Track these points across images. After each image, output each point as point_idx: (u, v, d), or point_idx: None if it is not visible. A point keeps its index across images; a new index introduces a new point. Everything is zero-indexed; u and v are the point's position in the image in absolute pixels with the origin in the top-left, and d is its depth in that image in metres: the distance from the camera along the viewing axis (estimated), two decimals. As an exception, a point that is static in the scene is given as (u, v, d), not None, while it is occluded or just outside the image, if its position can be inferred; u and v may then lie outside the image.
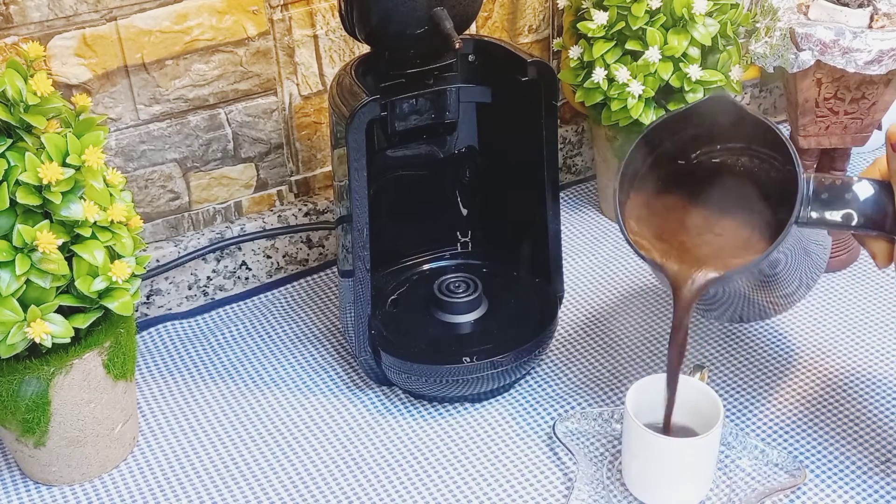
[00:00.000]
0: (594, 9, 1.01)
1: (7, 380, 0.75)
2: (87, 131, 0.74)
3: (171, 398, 0.92)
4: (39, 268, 0.72)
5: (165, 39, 0.92)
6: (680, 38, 0.99)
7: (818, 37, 0.91)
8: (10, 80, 0.70)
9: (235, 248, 1.03)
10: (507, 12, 1.10)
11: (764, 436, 0.86)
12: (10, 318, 0.71)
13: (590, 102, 1.03)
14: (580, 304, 1.02)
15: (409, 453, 0.85)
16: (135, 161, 0.96)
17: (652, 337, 0.97)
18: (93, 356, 0.78)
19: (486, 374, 0.87)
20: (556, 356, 0.95)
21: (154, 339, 0.99)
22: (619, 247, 1.10)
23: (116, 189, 0.77)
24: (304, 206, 1.06)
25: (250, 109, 0.99)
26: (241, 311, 1.03)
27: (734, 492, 0.80)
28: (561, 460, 0.84)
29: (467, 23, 0.83)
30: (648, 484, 0.79)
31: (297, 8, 0.97)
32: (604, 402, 0.90)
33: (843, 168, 1.03)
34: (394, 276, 0.97)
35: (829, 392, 0.90)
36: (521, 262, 0.96)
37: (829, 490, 0.80)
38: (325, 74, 1.02)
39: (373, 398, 0.91)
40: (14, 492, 0.83)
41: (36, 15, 0.85)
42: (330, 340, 0.99)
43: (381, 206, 0.89)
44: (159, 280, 1.00)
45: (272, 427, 0.88)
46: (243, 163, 1.02)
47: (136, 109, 0.94)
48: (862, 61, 0.91)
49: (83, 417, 0.80)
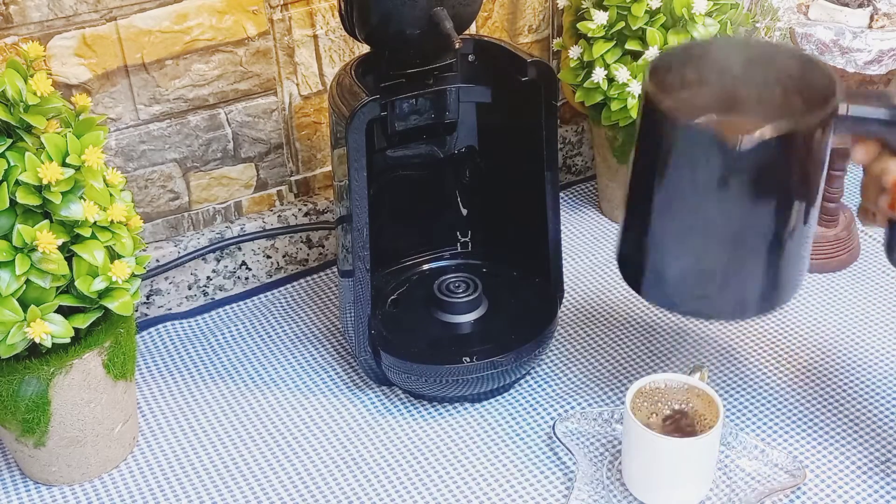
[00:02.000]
0: (594, 9, 1.01)
1: (7, 380, 0.75)
2: (86, 131, 0.74)
3: (171, 398, 0.92)
4: (39, 268, 0.72)
5: (165, 39, 0.92)
6: (680, 38, 0.99)
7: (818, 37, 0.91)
8: (10, 80, 0.70)
9: (235, 248, 1.03)
10: (507, 12, 1.10)
11: (764, 436, 0.86)
12: (10, 318, 0.71)
13: (590, 102, 1.03)
14: (580, 304, 1.02)
15: (409, 453, 0.85)
16: (135, 161, 0.96)
17: (652, 337, 0.97)
18: (93, 356, 0.78)
19: (486, 374, 0.87)
20: (556, 356, 0.95)
21: (154, 339, 0.99)
22: (619, 247, 1.10)
23: (116, 189, 0.77)
24: (304, 206, 1.06)
25: (250, 109, 0.99)
26: (241, 311, 1.03)
27: (734, 492, 0.80)
28: (561, 460, 0.84)
29: (467, 23, 0.83)
30: (648, 484, 0.79)
31: (296, 8, 0.97)
32: (604, 402, 0.90)
33: (843, 168, 1.03)
34: (394, 276, 0.97)
35: (829, 392, 0.90)
36: (522, 262, 0.96)
37: (829, 490, 0.80)
38: (325, 74, 1.02)
39: (373, 398, 0.91)
40: (14, 492, 0.83)
41: (36, 15, 0.85)
42: (330, 340, 0.99)
43: (381, 206, 0.89)
44: (159, 280, 1.00)
45: (272, 427, 0.88)
46: (243, 163, 1.02)
47: (136, 109, 0.94)
48: (862, 61, 0.91)
49: (83, 417, 0.80)
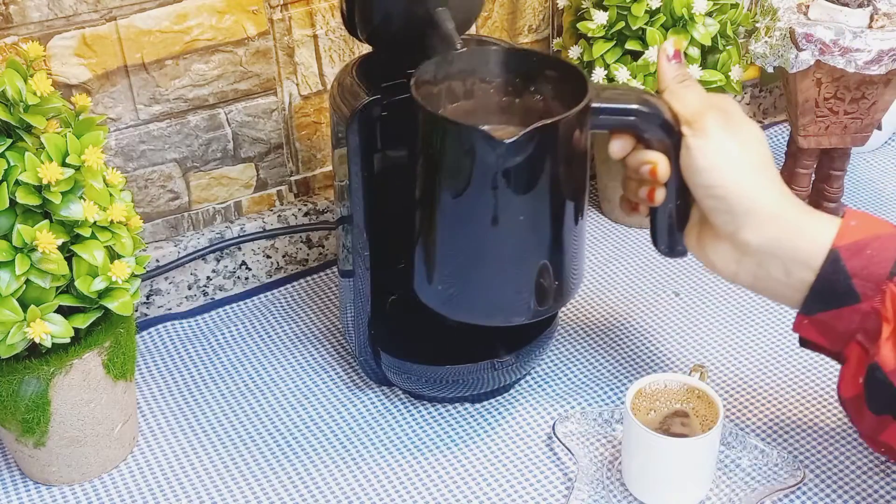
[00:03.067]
0: (594, 9, 1.01)
1: (7, 380, 0.75)
2: (86, 131, 0.74)
3: (171, 398, 0.92)
4: (39, 268, 0.71)
5: (165, 39, 0.92)
6: (680, 38, 0.99)
7: (818, 37, 0.91)
8: (10, 80, 0.70)
9: (235, 248, 1.03)
10: (507, 12, 1.10)
11: (764, 436, 0.86)
12: (9, 318, 0.71)
13: (590, 102, 1.03)
14: (580, 304, 1.02)
15: (409, 453, 0.85)
16: (134, 161, 0.96)
17: (652, 337, 0.97)
18: (93, 356, 0.78)
19: (486, 375, 0.87)
20: (556, 356, 0.95)
21: (154, 339, 0.99)
22: (619, 247, 1.10)
23: (116, 189, 0.77)
24: (304, 206, 1.06)
25: (250, 109, 0.99)
26: (241, 311, 1.03)
27: (734, 492, 0.80)
28: (561, 460, 0.84)
29: (468, 23, 0.83)
30: (648, 484, 0.79)
31: (296, 8, 0.97)
32: (604, 402, 0.90)
33: (843, 168, 1.03)
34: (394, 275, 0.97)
35: (829, 392, 0.90)
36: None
37: (829, 490, 0.80)
38: (325, 74, 1.02)
39: (373, 398, 0.91)
40: (14, 492, 0.83)
41: (36, 15, 0.85)
42: (330, 340, 0.98)
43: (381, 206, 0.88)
44: (159, 280, 1.00)
45: (272, 427, 0.88)
46: (243, 163, 1.02)
47: (136, 109, 0.94)
48: (862, 61, 0.91)
49: (83, 417, 0.80)
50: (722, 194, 0.72)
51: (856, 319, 0.70)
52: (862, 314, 0.70)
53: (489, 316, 0.79)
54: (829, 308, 0.71)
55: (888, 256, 0.69)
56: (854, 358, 0.72)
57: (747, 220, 0.72)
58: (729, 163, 0.72)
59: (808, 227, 0.71)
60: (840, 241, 0.70)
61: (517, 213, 0.73)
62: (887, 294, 0.68)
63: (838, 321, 0.71)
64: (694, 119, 0.73)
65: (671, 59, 0.77)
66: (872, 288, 0.69)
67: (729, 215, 0.73)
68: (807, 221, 0.72)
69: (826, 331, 0.72)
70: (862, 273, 0.69)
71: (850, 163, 1.05)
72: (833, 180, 1.03)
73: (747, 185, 0.72)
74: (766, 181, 0.73)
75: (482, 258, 0.75)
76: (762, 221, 0.72)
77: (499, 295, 0.77)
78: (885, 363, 0.68)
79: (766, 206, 0.72)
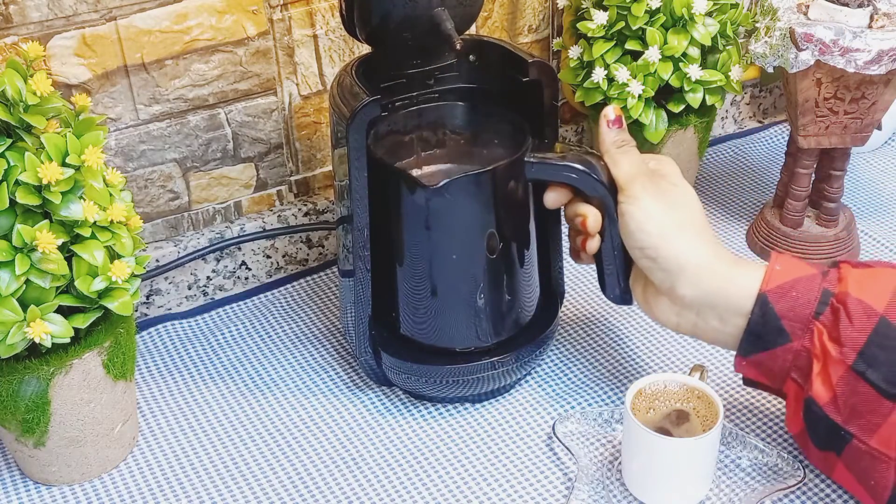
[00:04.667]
0: (594, 9, 1.01)
1: (7, 380, 0.75)
2: (86, 131, 0.74)
3: (170, 398, 0.92)
4: (39, 268, 0.71)
5: (165, 39, 0.92)
6: (680, 38, 0.99)
7: (818, 37, 0.91)
8: (10, 80, 0.70)
9: (235, 248, 1.03)
10: (507, 12, 1.10)
11: (764, 436, 0.86)
12: (9, 318, 0.71)
13: (590, 102, 1.03)
14: (580, 304, 1.02)
15: (409, 453, 0.85)
16: (134, 161, 0.96)
17: (652, 337, 0.97)
18: (92, 356, 0.78)
19: (486, 375, 0.87)
20: (556, 356, 0.95)
21: (154, 339, 0.99)
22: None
23: (116, 189, 0.77)
24: (303, 206, 1.06)
25: (250, 109, 0.99)
26: (241, 311, 1.03)
27: (734, 492, 0.80)
28: (561, 460, 0.84)
29: (468, 23, 0.83)
30: (648, 484, 0.79)
31: (296, 8, 0.97)
32: (604, 402, 0.90)
33: (843, 168, 1.03)
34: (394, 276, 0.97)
35: (829, 392, 0.90)
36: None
37: (829, 490, 0.80)
38: (325, 74, 1.02)
39: (373, 398, 0.91)
40: (14, 492, 0.83)
41: (35, 15, 0.85)
42: (330, 340, 0.99)
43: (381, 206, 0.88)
44: (159, 280, 1.00)
45: (272, 427, 0.88)
46: (243, 163, 1.02)
47: (136, 109, 0.94)
48: (862, 61, 0.91)
49: (83, 417, 0.80)
50: (653, 255, 0.77)
51: (789, 358, 0.74)
52: (794, 353, 0.74)
53: (452, 342, 0.86)
54: (763, 349, 0.75)
55: (812, 297, 0.73)
56: (792, 394, 0.77)
57: (680, 277, 0.76)
58: (657, 225, 0.77)
59: (738, 277, 0.75)
60: (767, 285, 0.74)
61: (450, 252, 0.82)
62: (815, 333, 0.72)
63: (773, 361, 0.75)
64: (626, 185, 0.78)
65: (612, 125, 0.81)
66: (801, 328, 0.73)
67: (664, 273, 0.77)
68: (735, 272, 0.76)
69: (764, 370, 0.77)
70: (789, 314, 0.73)
71: (850, 163, 1.05)
72: (833, 180, 1.03)
73: (676, 244, 0.76)
74: (695, 239, 0.77)
75: (431, 291, 0.84)
76: (694, 277, 0.76)
77: (453, 324, 0.86)
78: (818, 396, 0.72)
79: (697, 263, 0.76)
